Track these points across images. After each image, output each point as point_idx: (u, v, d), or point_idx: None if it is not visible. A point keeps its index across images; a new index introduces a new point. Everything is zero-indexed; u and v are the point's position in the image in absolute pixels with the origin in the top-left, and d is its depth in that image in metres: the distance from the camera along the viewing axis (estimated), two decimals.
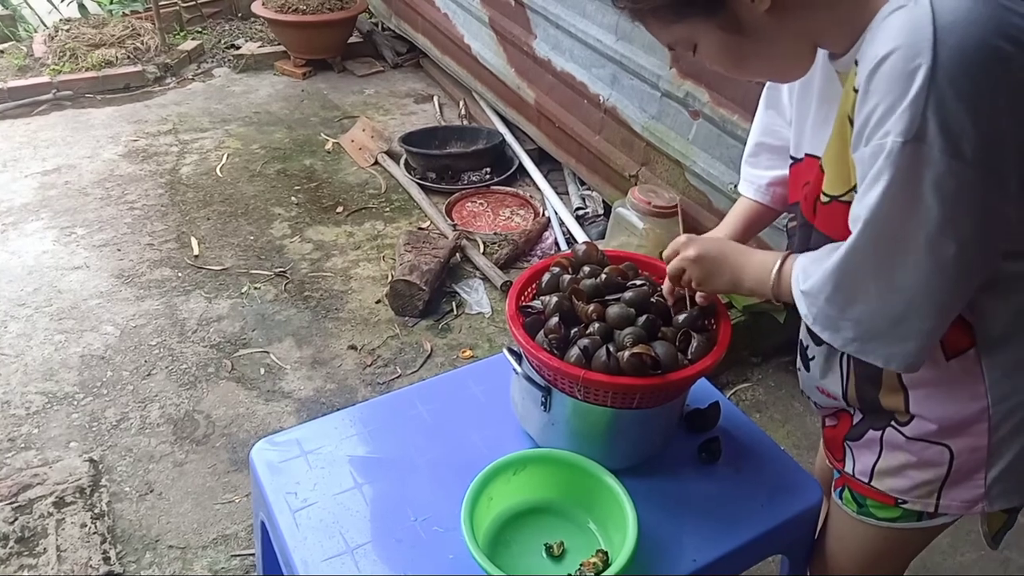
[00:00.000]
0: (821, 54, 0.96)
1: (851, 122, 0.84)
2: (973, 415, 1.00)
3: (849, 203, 0.90)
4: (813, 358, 1.16)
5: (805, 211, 1.04)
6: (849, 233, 0.90)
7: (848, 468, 1.15)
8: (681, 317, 1.22)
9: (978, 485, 1.04)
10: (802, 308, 0.95)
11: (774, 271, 1.03)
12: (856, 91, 0.82)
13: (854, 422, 1.14)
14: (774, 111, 1.23)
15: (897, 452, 1.07)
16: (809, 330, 1.15)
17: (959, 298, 0.87)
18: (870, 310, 0.88)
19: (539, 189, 3.49)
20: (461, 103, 4.23)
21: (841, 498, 1.20)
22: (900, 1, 0.79)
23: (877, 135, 0.78)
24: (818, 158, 1.01)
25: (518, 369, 1.26)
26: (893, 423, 1.07)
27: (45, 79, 4.23)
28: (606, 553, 1.14)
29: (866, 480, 1.12)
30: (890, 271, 0.84)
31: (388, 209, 3.41)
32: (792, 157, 1.13)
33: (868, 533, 1.18)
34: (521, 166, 3.65)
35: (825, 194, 0.95)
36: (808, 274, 0.93)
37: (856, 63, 0.84)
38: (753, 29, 0.87)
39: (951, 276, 0.83)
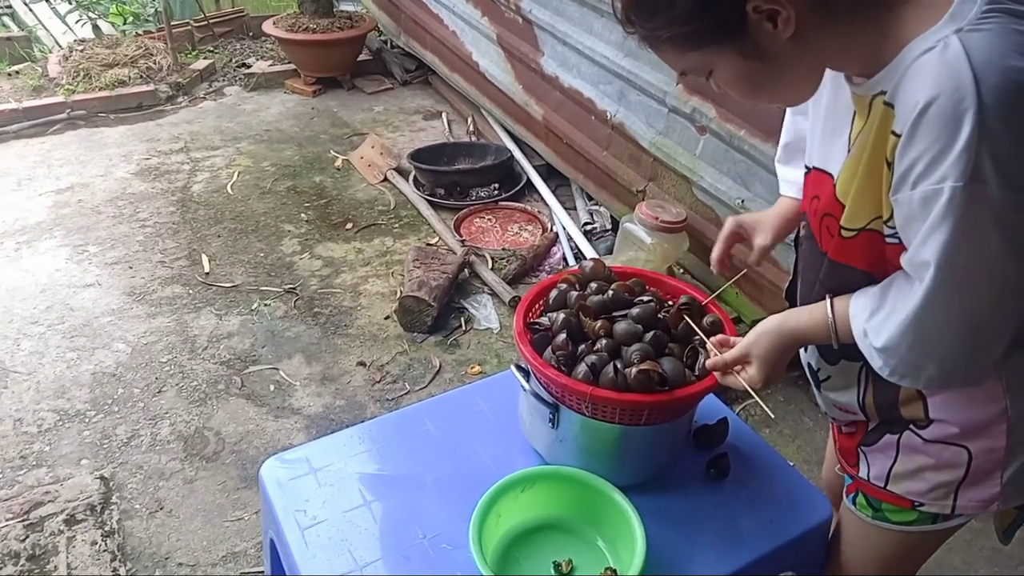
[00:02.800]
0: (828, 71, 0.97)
1: (888, 164, 0.86)
2: (992, 417, 1.01)
3: (876, 231, 0.93)
4: (827, 378, 1.16)
5: (815, 226, 1.05)
6: (879, 263, 0.94)
7: (863, 473, 1.16)
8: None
9: (994, 484, 1.05)
10: (876, 362, 0.94)
11: (831, 328, 1.02)
12: (895, 135, 0.83)
13: (869, 428, 1.14)
14: (801, 116, 1.24)
15: (915, 455, 1.08)
16: (821, 352, 1.15)
17: (1020, 307, 0.89)
18: (952, 344, 0.89)
19: (547, 205, 3.50)
20: (469, 120, 4.26)
21: (855, 504, 1.21)
22: (928, 42, 0.81)
23: (928, 180, 0.80)
24: (826, 173, 1.02)
25: (526, 386, 1.27)
26: (911, 427, 1.08)
27: (59, 99, 4.29)
28: (615, 571, 1.14)
29: (882, 484, 1.13)
30: (963, 303, 0.86)
31: (397, 225, 3.43)
32: (805, 166, 1.13)
33: (883, 537, 1.18)
34: (529, 182, 3.66)
35: (847, 228, 0.97)
36: (879, 329, 0.92)
37: (889, 104, 0.85)
38: (773, 55, 0.87)
39: (1015, 291, 0.86)
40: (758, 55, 0.87)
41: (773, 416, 1.09)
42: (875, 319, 0.93)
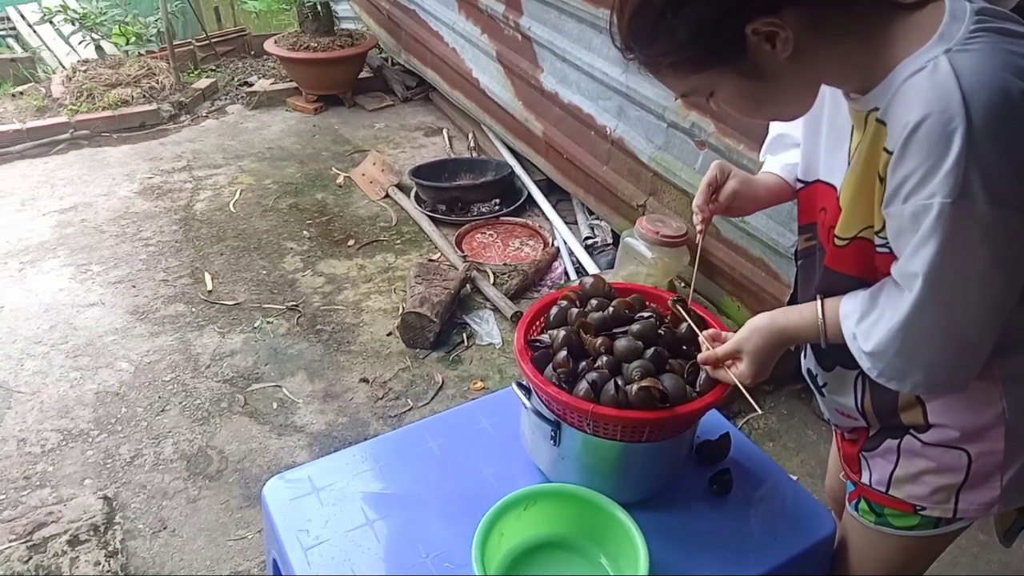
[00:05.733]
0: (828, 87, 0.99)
1: (881, 179, 0.88)
2: (990, 420, 1.03)
3: (867, 240, 0.95)
4: (825, 384, 1.18)
5: (823, 237, 1.06)
6: (869, 270, 0.97)
7: (865, 479, 1.17)
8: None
9: (994, 487, 1.06)
10: (865, 363, 0.97)
11: (821, 328, 1.04)
12: (887, 151, 0.86)
13: (870, 434, 1.15)
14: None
15: (915, 459, 1.09)
16: (817, 358, 1.16)
17: (1004, 316, 0.91)
18: (937, 352, 0.92)
19: (548, 219, 3.51)
20: (470, 136, 4.28)
21: (857, 510, 1.21)
22: (918, 62, 0.83)
23: (919, 195, 0.82)
24: (831, 186, 1.04)
25: (527, 404, 1.27)
26: (911, 432, 1.09)
27: (63, 119, 4.32)
28: None
29: (884, 489, 1.14)
30: (950, 314, 0.89)
31: (399, 241, 3.44)
32: (801, 180, 1.15)
33: (886, 543, 1.19)
34: (530, 197, 3.67)
35: (839, 237, 0.99)
36: (869, 334, 0.95)
37: (881, 121, 0.87)
38: (772, 74, 0.89)
39: (1000, 302, 0.88)
40: (758, 75, 0.89)
41: (760, 411, 1.11)
42: (864, 323, 0.96)
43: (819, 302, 1.04)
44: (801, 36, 0.85)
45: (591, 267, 3.11)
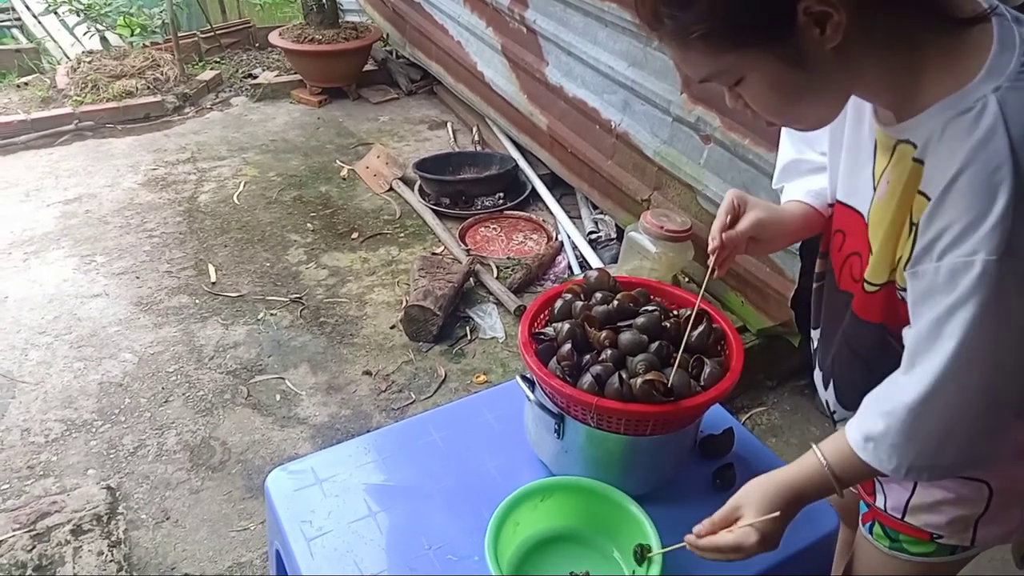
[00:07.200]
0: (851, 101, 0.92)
1: (912, 225, 0.82)
2: (1011, 451, 0.99)
3: (893, 283, 0.90)
4: (842, 419, 1.15)
5: (835, 262, 1.02)
6: (891, 316, 0.92)
7: (879, 503, 1.15)
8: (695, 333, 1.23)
9: (1014, 518, 1.05)
10: (912, 477, 0.89)
11: (829, 474, 0.95)
12: (924, 195, 0.80)
13: None
14: (805, 145, 1.18)
15: (932, 488, 1.07)
16: (837, 396, 1.15)
17: None
18: (972, 423, 0.85)
19: (552, 214, 3.51)
20: (474, 129, 4.27)
21: (871, 533, 1.19)
22: (965, 101, 0.76)
23: (957, 251, 0.75)
24: (851, 208, 0.99)
25: (531, 396, 1.27)
26: None
27: (67, 110, 4.32)
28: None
29: (899, 516, 1.12)
30: (985, 381, 0.82)
31: (402, 235, 3.44)
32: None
33: (901, 568, 1.16)
34: (534, 191, 3.67)
35: (870, 283, 0.94)
36: (912, 441, 0.86)
37: (919, 161, 0.82)
38: (813, 65, 0.79)
39: None
40: (799, 63, 0.79)
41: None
42: (895, 432, 0.88)
43: (815, 449, 0.96)
44: (851, 28, 0.76)
45: (595, 262, 3.10)
